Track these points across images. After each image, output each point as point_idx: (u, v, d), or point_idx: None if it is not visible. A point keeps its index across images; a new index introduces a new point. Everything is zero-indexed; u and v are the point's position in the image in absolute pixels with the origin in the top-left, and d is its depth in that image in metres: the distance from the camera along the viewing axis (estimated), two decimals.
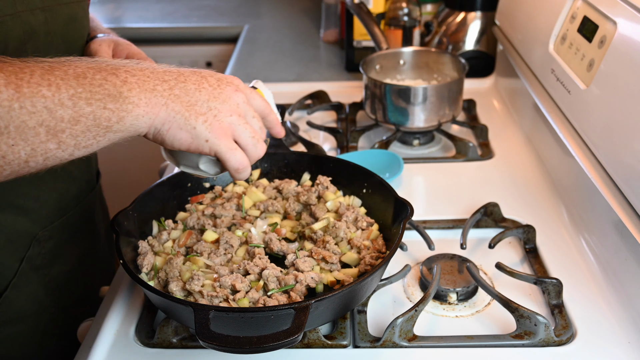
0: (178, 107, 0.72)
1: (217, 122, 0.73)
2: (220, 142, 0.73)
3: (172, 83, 0.73)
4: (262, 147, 0.77)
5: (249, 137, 0.76)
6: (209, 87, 0.75)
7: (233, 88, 0.76)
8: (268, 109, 0.81)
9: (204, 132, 0.72)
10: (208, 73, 0.77)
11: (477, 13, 1.67)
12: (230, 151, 0.74)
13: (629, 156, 0.85)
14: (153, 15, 2.46)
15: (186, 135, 0.72)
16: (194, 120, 0.72)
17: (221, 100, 0.74)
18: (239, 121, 0.75)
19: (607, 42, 0.96)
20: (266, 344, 0.69)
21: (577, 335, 0.85)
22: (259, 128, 0.78)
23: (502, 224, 1.06)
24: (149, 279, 0.88)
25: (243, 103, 0.76)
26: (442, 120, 1.32)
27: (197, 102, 0.73)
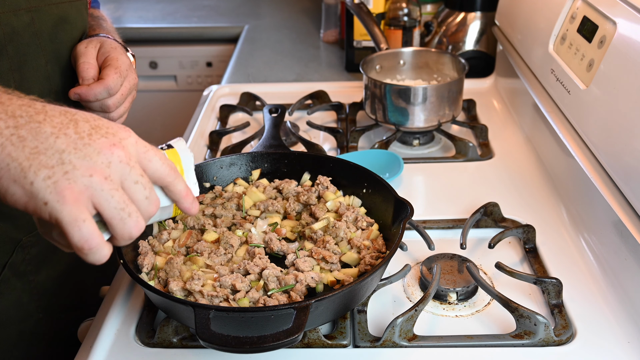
0: (17, 153, 0.56)
1: (67, 181, 0.56)
2: (62, 208, 0.56)
3: (23, 121, 0.57)
4: (134, 223, 0.60)
5: (114, 209, 0.58)
6: (74, 134, 0.58)
7: (109, 142, 0.59)
8: (172, 175, 0.64)
9: (43, 191, 0.56)
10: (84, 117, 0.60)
11: (477, 13, 1.67)
12: (73, 223, 0.56)
13: (628, 156, 0.85)
14: (153, 15, 2.46)
15: (20, 192, 0.57)
16: (33, 174, 0.56)
17: (83, 154, 0.58)
18: (101, 185, 0.57)
19: (607, 42, 0.96)
20: (266, 343, 0.69)
21: (577, 335, 0.85)
22: (144, 198, 0.61)
23: (502, 223, 1.07)
24: (149, 279, 0.88)
25: (118, 163, 0.59)
26: (442, 120, 1.32)
27: (47, 151, 0.57)
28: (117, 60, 1.00)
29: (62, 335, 1.11)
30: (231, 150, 1.31)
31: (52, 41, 0.98)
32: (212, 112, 1.55)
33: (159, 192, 0.66)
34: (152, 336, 0.87)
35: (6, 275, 1.00)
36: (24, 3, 0.92)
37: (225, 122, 1.51)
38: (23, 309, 1.04)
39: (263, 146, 1.21)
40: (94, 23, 1.16)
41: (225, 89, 1.67)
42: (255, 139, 1.36)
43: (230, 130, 1.40)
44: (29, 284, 1.04)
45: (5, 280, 1.00)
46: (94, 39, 1.05)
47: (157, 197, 0.63)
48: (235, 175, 1.09)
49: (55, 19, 0.98)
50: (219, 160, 1.07)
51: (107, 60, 1.00)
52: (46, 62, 0.98)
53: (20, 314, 1.04)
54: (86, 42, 1.03)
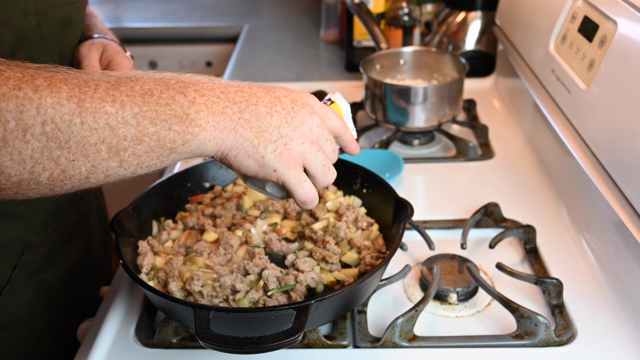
0: (247, 134, 0.68)
1: (287, 151, 0.69)
2: (289, 173, 0.70)
3: (243, 105, 0.68)
4: (332, 174, 0.74)
5: (320, 166, 0.72)
6: (282, 110, 0.70)
7: (307, 111, 0.71)
8: (343, 128, 0.76)
9: (272, 162, 0.69)
10: (282, 92, 0.72)
11: (478, 13, 1.67)
12: (298, 183, 0.70)
13: (629, 156, 0.85)
14: (153, 15, 2.46)
15: (254, 164, 0.69)
16: (263, 149, 0.68)
17: (294, 126, 0.70)
18: (310, 149, 0.71)
19: (608, 42, 0.96)
20: (266, 344, 0.69)
21: (578, 335, 0.84)
22: (332, 151, 0.74)
23: (503, 224, 1.06)
24: (148, 279, 0.88)
25: (317, 127, 0.72)
26: (442, 120, 1.32)
27: (268, 128, 0.69)
28: (121, 64, 1.01)
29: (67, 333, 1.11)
30: None
31: (57, 44, 0.99)
32: None
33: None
34: (151, 336, 0.87)
35: (17, 275, 1.00)
36: (32, 6, 0.92)
37: None
38: (32, 308, 1.05)
39: None
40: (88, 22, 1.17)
41: None
42: None
43: None
44: (38, 283, 1.04)
45: (16, 280, 1.00)
46: (96, 41, 1.05)
47: (336, 147, 0.76)
48: (235, 175, 1.08)
49: (60, 22, 0.98)
50: None
51: (111, 64, 1.01)
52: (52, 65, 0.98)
53: (30, 313, 1.04)
54: (89, 44, 1.03)
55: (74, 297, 1.14)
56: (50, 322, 1.08)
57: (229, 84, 0.70)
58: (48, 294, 1.07)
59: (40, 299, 1.06)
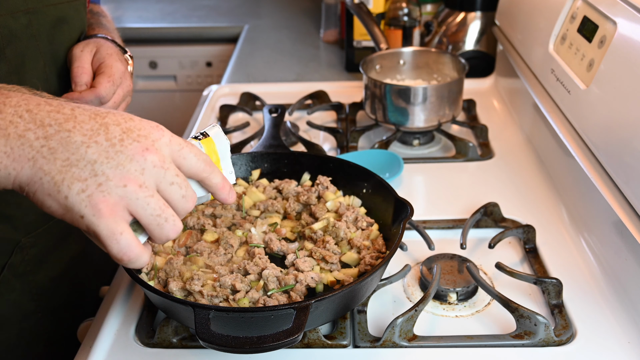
0: (48, 166, 0.55)
1: (101, 194, 0.56)
2: (99, 222, 0.56)
3: (52, 130, 0.56)
4: (171, 226, 0.60)
5: (151, 215, 0.58)
6: (105, 142, 0.57)
7: (142, 146, 0.58)
8: (207, 169, 0.64)
9: (78, 205, 0.56)
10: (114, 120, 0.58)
11: (477, 13, 1.67)
12: (111, 236, 0.57)
13: (629, 156, 0.85)
14: (153, 15, 2.46)
15: (56, 205, 0.57)
16: (67, 188, 0.56)
17: (115, 164, 0.56)
18: (136, 194, 0.57)
19: (607, 42, 0.96)
20: (266, 344, 0.69)
21: (577, 335, 0.85)
22: (181, 197, 0.61)
23: (502, 224, 1.07)
24: (149, 279, 0.88)
25: (152, 168, 0.58)
26: (442, 120, 1.32)
27: (79, 162, 0.56)
28: (111, 67, 0.99)
29: (62, 334, 1.11)
30: (231, 150, 1.31)
31: (50, 43, 0.98)
32: (212, 112, 1.55)
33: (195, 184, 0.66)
34: (151, 336, 0.87)
35: (6, 276, 1.00)
36: (22, 5, 0.91)
37: (225, 122, 1.51)
38: (22, 309, 1.04)
39: (263, 146, 1.20)
40: (93, 21, 1.15)
41: (225, 89, 1.67)
42: (255, 139, 1.36)
43: (230, 130, 1.40)
44: (28, 284, 1.04)
45: (4, 281, 1.00)
46: (91, 41, 1.04)
47: (193, 193, 0.62)
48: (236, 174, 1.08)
49: (53, 20, 0.97)
50: None
51: (102, 67, 0.99)
52: (44, 64, 0.98)
53: (19, 313, 1.04)
54: (82, 45, 1.02)
55: (70, 297, 1.13)
56: (43, 323, 1.08)
57: (47, 102, 0.58)
58: (40, 295, 1.06)
59: (31, 300, 1.05)
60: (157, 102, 2.38)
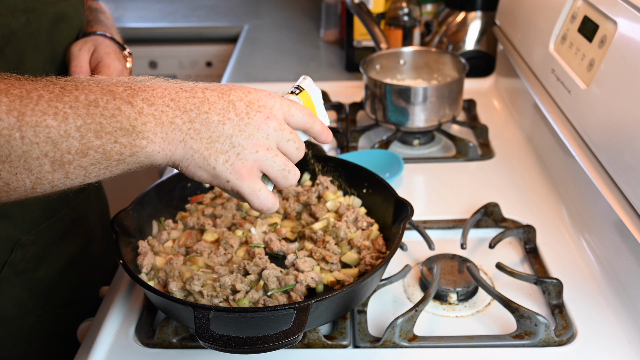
0: (197, 145, 0.66)
1: (240, 162, 0.67)
2: (242, 184, 0.68)
3: (194, 114, 0.66)
4: (293, 176, 0.72)
5: (278, 171, 0.70)
6: (236, 117, 0.67)
7: (264, 115, 0.68)
8: (310, 121, 0.73)
9: (224, 173, 0.67)
10: (238, 95, 0.68)
11: (477, 13, 1.67)
12: (252, 193, 0.69)
13: (629, 156, 0.85)
14: (153, 15, 2.46)
15: (206, 174, 0.68)
16: (214, 160, 0.66)
17: (247, 134, 0.67)
18: (266, 156, 0.68)
19: (608, 42, 0.96)
20: (266, 344, 0.69)
21: (578, 335, 0.85)
22: (296, 149, 0.72)
23: (503, 224, 1.06)
24: (148, 279, 0.88)
25: (274, 132, 0.69)
26: (442, 120, 1.32)
27: (219, 138, 0.66)
28: (108, 67, 0.99)
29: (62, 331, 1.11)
30: None
31: (49, 41, 0.97)
32: None
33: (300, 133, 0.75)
34: (151, 336, 0.87)
35: (6, 273, 1.00)
36: (21, 4, 0.91)
37: None
38: (23, 306, 1.04)
39: None
40: (92, 18, 1.15)
41: None
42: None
43: None
44: (29, 282, 1.04)
45: (4, 278, 1.00)
46: (89, 39, 1.03)
47: (303, 143, 0.73)
48: None
49: (52, 19, 0.97)
50: None
51: (99, 66, 0.99)
52: (44, 63, 0.98)
53: (19, 311, 1.04)
54: (81, 43, 1.02)
55: (71, 295, 1.13)
56: (43, 320, 1.08)
57: (182, 89, 0.67)
58: (40, 292, 1.06)
59: (31, 297, 1.05)
60: None
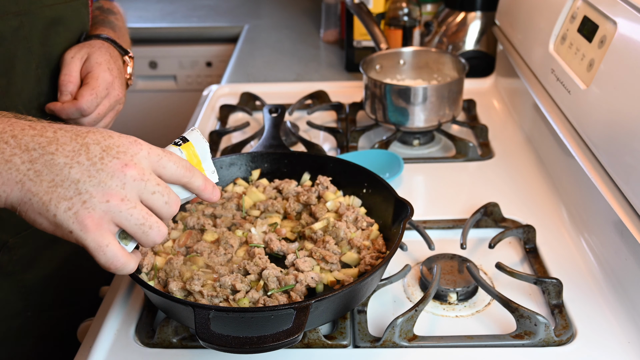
0: (36, 188, 0.60)
1: (86, 211, 0.60)
2: (86, 236, 0.61)
3: (37, 154, 0.60)
4: (155, 233, 0.65)
5: (135, 225, 0.63)
6: (87, 161, 0.61)
7: (120, 163, 0.62)
8: (187, 174, 0.67)
9: (66, 222, 0.60)
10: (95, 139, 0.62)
11: (477, 13, 1.67)
12: (98, 249, 0.62)
13: (629, 156, 0.85)
14: (153, 15, 2.46)
15: (46, 222, 0.62)
16: (54, 207, 0.60)
17: (97, 181, 0.61)
18: (119, 207, 0.61)
19: (607, 42, 0.96)
20: (266, 344, 0.69)
21: (577, 335, 0.85)
22: (164, 204, 0.65)
23: (502, 224, 1.06)
24: (149, 279, 0.88)
25: (133, 181, 0.62)
26: (442, 120, 1.32)
27: (63, 183, 0.60)
28: (96, 79, 0.98)
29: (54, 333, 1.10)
30: (231, 150, 1.31)
31: (43, 44, 0.96)
32: (212, 112, 1.55)
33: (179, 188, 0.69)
34: (152, 336, 0.87)
35: None
36: (13, 7, 0.90)
37: (225, 122, 1.51)
38: (10, 307, 1.03)
39: (263, 146, 1.20)
40: (102, 18, 1.14)
41: (225, 88, 1.67)
42: (255, 139, 1.36)
43: (230, 130, 1.40)
44: (16, 283, 1.03)
45: None
46: (85, 45, 1.02)
47: (176, 197, 0.67)
48: (235, 175, 1.08)
49: (47, 22, 0.96)
50: (218, 160, 1.07)
51: (87, 77, 0.98)
52: (36, 66, 0.97)
53: (6, 312, 1.03)
54: (75, 50, 1.01)
55: (64, 297, 1.12)
56: (33, 322, 1.07)
57: (31, 126, 0.63)
58: (28, 294, 1.05)
59: (20, 299, 1.04)
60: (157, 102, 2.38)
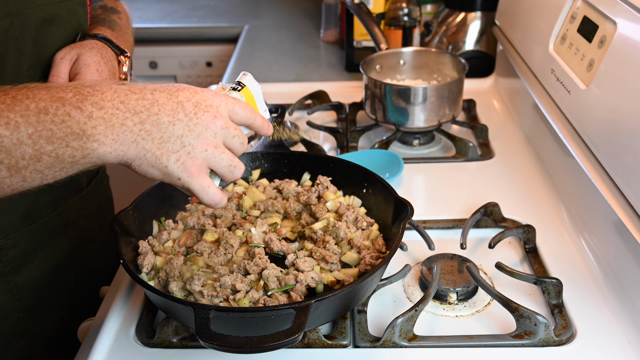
0: (149, 145, 0.70)
1: (191, 160, 0.72)
2: (192, 181, 0.72)
3: (144, 115, 0.69)
4: (238, 171, 0.76)
5: (225, 167, 0.75)
6: (185, 117, 0.71)
7: (211, 114, 0.73)
8: (252, 117, 0.78)
9: (176, 171, 0.71)
10: (186, 96, 0.72)
11: (477, 13, 1.67)
12: (202, 190, 0.73)
13: (629, 156, 0.85)
14: (153, 15, 2.46)
15: (158, 172, 0.72)
16: (166, 159, 0.70)
17: (196, 134, 0.72)
18: (214, 153, 0.73)
19: (607, 42, 0.96)
20: (266, 343, 0.69)
21: (577, 335, 0.85)
22: (240, 144, 0.76)
23: (502, 223, 1.07)
24: (149, 279, 0.88)
25: (221, 130, 0.73)
26: (442, 120, 1.32)
27: (170, 138, 0.70)
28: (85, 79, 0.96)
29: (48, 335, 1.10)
30: None
31: (35, 45, 0.95)
32: None
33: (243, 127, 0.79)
34: (152, 336, 0.87)
35: None
36: (3, 7, 0.90)
37: None
38: (1, 308, 1.03)
39: (263, 146, 1.21)
40: (103, 17, 1.13)
41: None
42: (255, 139, 1.36)
43: None
44: (7, 284, 1.03)
45: None
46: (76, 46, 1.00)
47: (246, 138, 0.77)
48: None
49: (39, 22, 0.95)
50: None
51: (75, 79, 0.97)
52: (29, 67, 0.96)
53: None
54: (65, 51, 0.99)
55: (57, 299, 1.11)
56: (24, 323, 1.06)
57: (131, 91, 0.70)
58: (21, 295, 1.05)
59: (12, 300, 1.04)
60: None
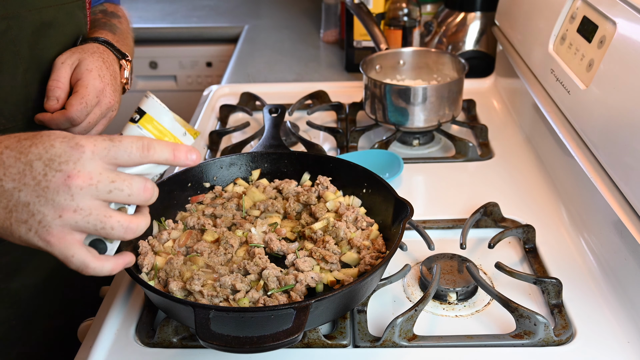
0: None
1: (44, 229, 0.62)
2: (53, 250, 0.63)
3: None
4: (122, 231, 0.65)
5: (95, 229, 0.64)
6: (32, 182, 0.62)
7: (63, 175, 0.61)
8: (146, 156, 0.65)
9: (33, 240, 0.63)
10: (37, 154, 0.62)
11: (477, 13, 1.67)
12: (66, 260, 0.64)
13: (628, 156, 0.85)
14: (153, 15, 2.46)
15: (17, 241, 0.65)
16: (16, 230, 0.63)
17: (45, 200, 0.62)
18: (74, 218, 0.62)
19: (607, 42, 0.96)
20: (266, 343, 0.69)
21: (577, 335, 0.85)
22: (127, 196, 0.64)
23: (502, 223, 1.07)
24: (149, 279, 0.88)
25: (80, 190, 0.62)
26: (442, 120, 1.32)
27: (17, 208, 0.62)
28: (86, 87, 0.95)
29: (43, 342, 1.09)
30: (231, 150, 1.31)
31: (31, 48, 0.95)
32: (212, 112, 1.55)
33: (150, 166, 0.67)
34: (152, 336, 0.87)
35: None
36: (2, 10, 0.89)
37: (225, 122, 1.51)
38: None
39: (263, 146, 1.21)
40: (104, 21, 1.12)
41: (225, 89, 1.67)
42: (255, 139, 1.36)
43: (230, 130, 1.40)
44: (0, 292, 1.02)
45: None
46: (77, 50, 1.00)
47: (142, 183, 0.65)
48: (235, 175, 1.09)
49: (37, 26, 0.95)
50: (219, 160, 1.07)
51: (77, 85, 0.96)
52: (25, 70, 0.95)
53: None
54: (66, 55, 0.98)
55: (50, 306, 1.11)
56: (18, 330, 1.06)
57: None
58: (13, 303, 1.04)
59: (4, 308, 1.03)
60: None
